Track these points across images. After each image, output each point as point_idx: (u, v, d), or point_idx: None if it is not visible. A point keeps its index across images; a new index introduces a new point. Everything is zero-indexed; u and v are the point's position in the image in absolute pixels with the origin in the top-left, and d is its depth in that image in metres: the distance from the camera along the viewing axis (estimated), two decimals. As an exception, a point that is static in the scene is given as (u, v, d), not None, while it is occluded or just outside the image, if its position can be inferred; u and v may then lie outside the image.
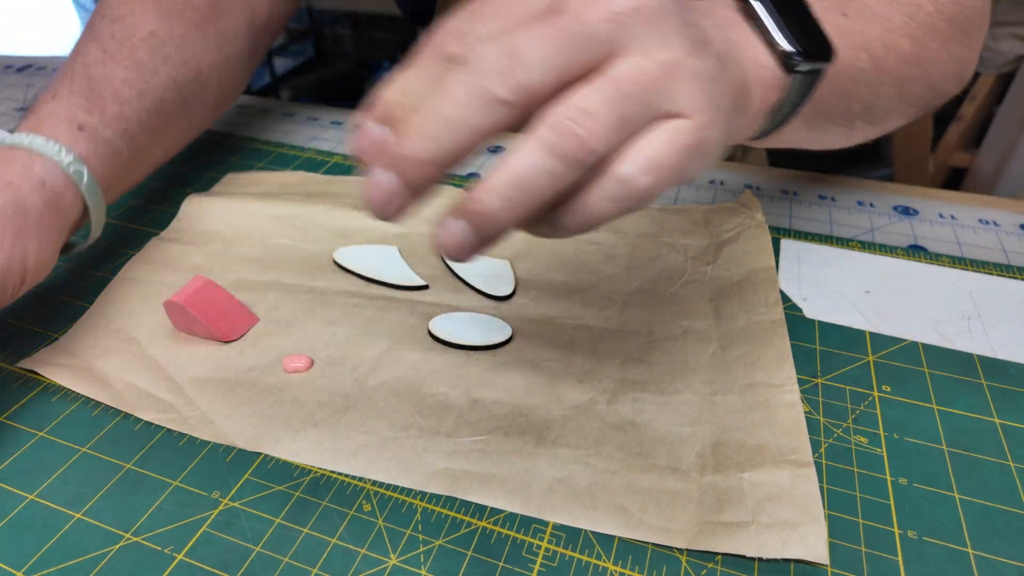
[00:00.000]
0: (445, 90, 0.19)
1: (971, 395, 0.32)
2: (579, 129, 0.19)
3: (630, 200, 0.20)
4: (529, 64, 0.19)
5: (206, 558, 0.25)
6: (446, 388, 0.32)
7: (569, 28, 0.19)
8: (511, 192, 0.20)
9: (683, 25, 0.21)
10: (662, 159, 0.20)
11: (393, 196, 0.22)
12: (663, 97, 0.20)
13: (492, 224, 0.21)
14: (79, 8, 2.24)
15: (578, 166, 0.19)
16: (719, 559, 0.25)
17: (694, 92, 0.20)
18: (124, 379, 0.32)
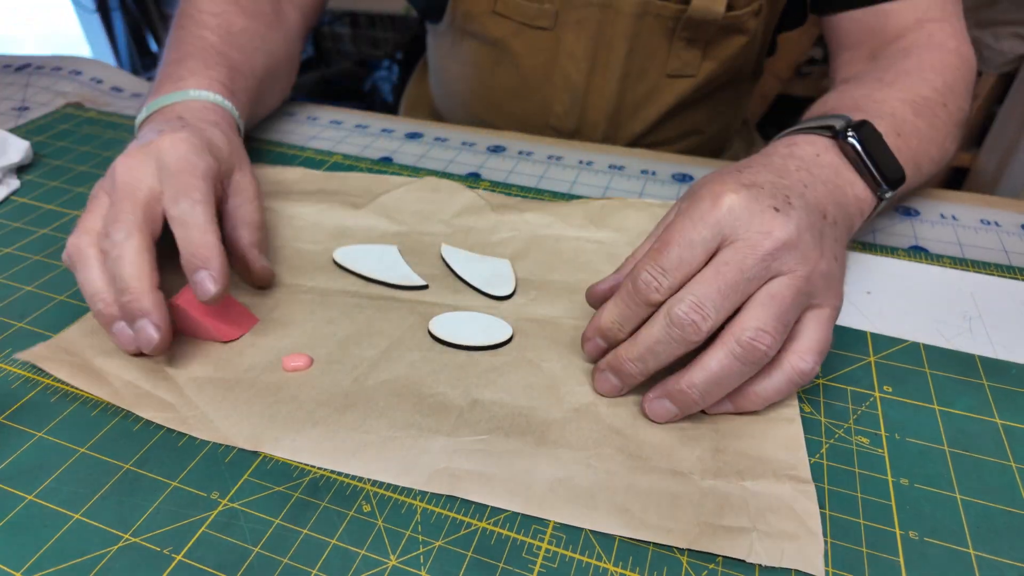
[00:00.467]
0: (653, 333, 0.28)
1: (972, 395, 0.32)
2: (760, 344, 0.27)
3: (804, 382, 0.29)
4: (713, 315, 0.27)
5: (205, 559, 0.25)
6: (446, 388, 0.32)
7: (734, 279, 0.27)
8: (708, 387, 0.28)
9: (812, 236, 0.29)
10: (822, 345, 0.29)
11: (615, 389, 0.31)
12: (808, 298, 0.29)
13: (690, 407, 0.29)
14: (79, 8, 2.23)
15: (757, 367, 0.28)
16: (719, 560, 0.25)
17: (826, 287, 0.29)
18: (123, 377, 0.32)
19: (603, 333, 0.31)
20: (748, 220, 0.28)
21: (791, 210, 0.29)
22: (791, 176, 0.32)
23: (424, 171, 0.50)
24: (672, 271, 0.28)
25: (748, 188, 0.29)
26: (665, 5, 0.52)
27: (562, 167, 0.51)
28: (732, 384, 0.28)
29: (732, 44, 0.56)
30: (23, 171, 0.49)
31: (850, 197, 0.34)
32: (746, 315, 0.28)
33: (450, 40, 0.62)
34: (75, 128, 0.55)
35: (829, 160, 0.34)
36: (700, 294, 0.27)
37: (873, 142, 0.35)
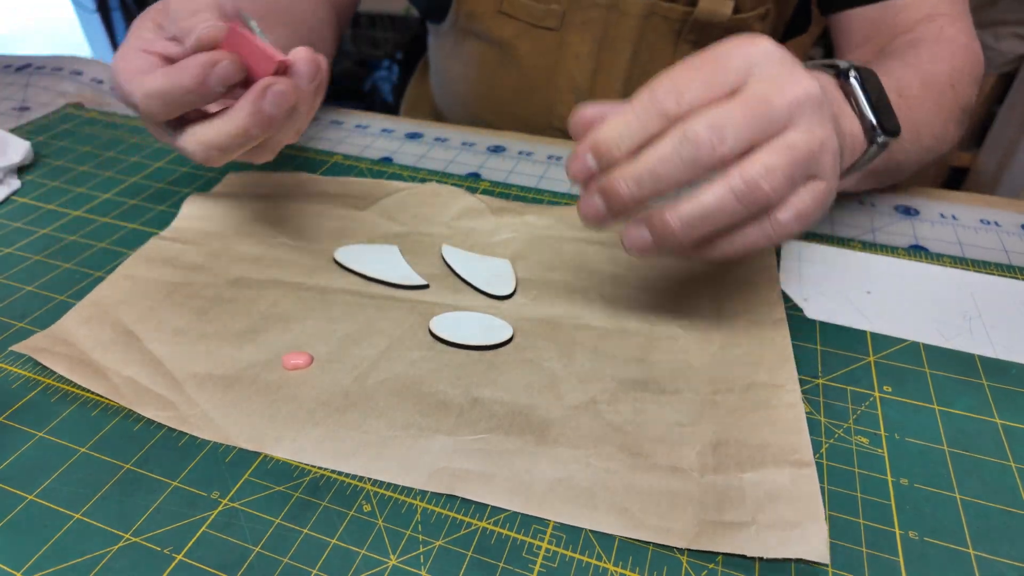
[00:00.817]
0: (659, 150, 0.26)
1: (972, 395, 0.32)
2: (765, 184, 0.25)
3: (780, 238, 0.28)
4: (731, 140, 0.25)
5: (206, 559, 0.25)
6: (446, 387, 0.32)
7: (760, 110, 0.26)
8: (695, 220, 0.26)
9: (829, 111, 0.28)
10: (808, 211, 0.27)
11: (601, 216, 0.28)
12: (815, 165, 0.27)
13: (671, 240, 0.27)
14: (79, 8, 2.24)
15: (754, 209, 0.26)
16: (720, 559, 0.25)
17: (831, 163, 0.28)
18: (122, 373, 0.32)
19: (597, 147, 0.27)
20: (780, 64, 0.27)
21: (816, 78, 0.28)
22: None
23: (424, 171, 0.50)
24: (697, 87, 0.26)
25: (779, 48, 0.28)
26: (671, 7, 0.52)
27: (562, 167, 0.51)
28: (720, 223, 0.26)
29: None
30: (24, 171, 0.50)
31: (845, 128, 0.33)
32: (758, 154, 0.26)
33: (452, 40, 0.62)
34: (76, 128, 0.55)
35: (831, 92, 0.34)
36: (723, 116, 0.25)
37: (873, 87, 0.34)
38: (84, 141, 0.54)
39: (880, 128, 0.34)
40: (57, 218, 0.44)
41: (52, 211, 0.45)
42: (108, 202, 0.46)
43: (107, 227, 0.43)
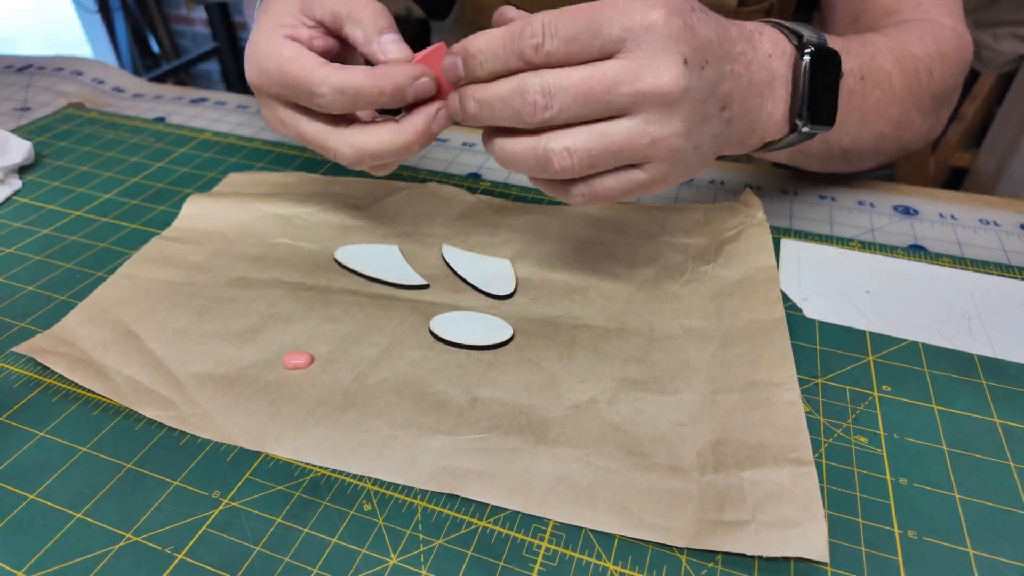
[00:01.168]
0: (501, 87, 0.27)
1: (971, 395, 0.32)
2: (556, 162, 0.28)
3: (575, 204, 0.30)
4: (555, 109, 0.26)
5: (206, 558, 0.25)
6: (446, 387, 0.32)
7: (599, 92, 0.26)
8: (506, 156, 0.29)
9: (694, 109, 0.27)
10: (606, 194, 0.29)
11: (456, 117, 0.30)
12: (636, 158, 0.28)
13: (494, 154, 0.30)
14: (80, 8, 2.24)
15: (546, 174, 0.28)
16: (719, 558, 0.25)
17: (667, 160, 0.28)
18: (123, 372, 0.32)
19: (465, 56, 0.29)
20: (653, 49, 0.26)
21: (699, 73, 0.27)
22: (731, 52, 0.30)
23: (424, 171, 0.50)
24: (561, 41, 0.26)
25: (682, 26, 0.27)
26: None
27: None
28: (522, 170, 0.29)
29: None
30: (25, 171, 0.50)
31: (764, 113, 0.32)
32: (573, 130, 0.27)
33: (456, 38, 0.62)
34: (76, 128, 0.56)
35: (775, 67, 0.32)
36: (558, 82, 0.26)
37: (825, 73, 0.33)
38: (85, 141, 0.54)
39: (809, 117, 0.33)
40: (58, 218, 0.44)
41: (53, 211, 0.45)
42: (109, 202, 0.46)
43: (108, 227, 0.44)
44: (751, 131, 0.32)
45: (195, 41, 2.38)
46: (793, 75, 0.33)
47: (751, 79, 0.31)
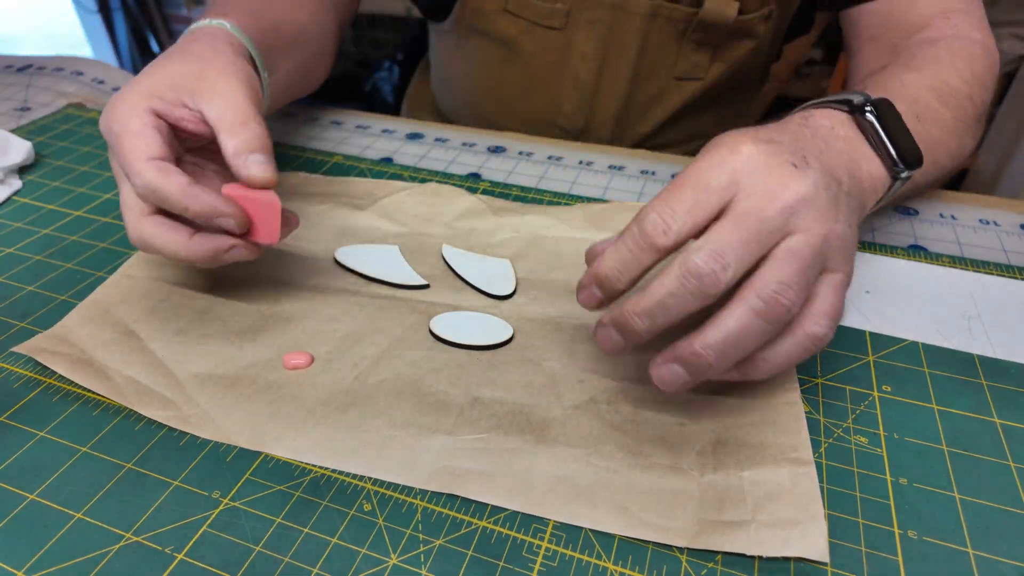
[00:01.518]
0: (665, 284, 0.26)
1: (971, 395, 0.32)
2: (783, 299, 0.25)
3: (817, 348, 0.27)
4: (733, 265, 0.25)
5: (206, 558, 0.25)
6: (447, 387, 0.32)
7: (754, 227, 0.26)
8: (725, 348, 0.26)
9: (829, 197, 0.27)
10: (835, 310, 0.27)
11: (620, 347, 0.28)
12: (824, 260, 0.27)
13: (706, 371, 0.26)
14: (80, 8, 2.24)
15: (779, 326, 0.26)
16: (719, 558, 0.25)
17: (840, 252, 0.28)
18: (124, 372, 0.32)
19: (600, 281, 0.28)
20: (766, 172, 0.27)
21: (808, 168, 0.28)
22: (807, 140, 0.30)
23: (424, 171, 0.50)
24: (683, 214, 0.26)
25: (767, 142, 0.28)
26: (675, 8, 0.52)
27: (562, 167, 0.51)
28: (751, 346, 0.26)
29: (741, 48, 0.56)
30: (25, 171, 0.50)
31: (864, 173, 0.32)
32: (766, 270, 0.26)
33: (456, 38, 0.62)
34: (77, 128, 0.56)
35: (844, 133, 0.33)
36: (719, 242, 0.25)
37: (891, 119, 0.33)
38: (85, 141, 0.54)
39: (902, 162, 0.33)
40: (58, 218, 0.44)
41: (53, 211, 0.45)
42: (109, 202, 0.46)
43: (108, 227, 0.44)
44: (864, 193, 0.33)
45: (195, 41, 2.38)
46: (864, 134, 0.33)
47: (837, 149, 0.31)
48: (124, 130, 0.32)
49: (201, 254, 0.32)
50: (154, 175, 0.31)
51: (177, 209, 0.31)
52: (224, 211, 0.31)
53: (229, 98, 0.33)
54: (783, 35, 0.61)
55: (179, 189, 0.31)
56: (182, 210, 0.31)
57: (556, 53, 0.57)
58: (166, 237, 0.32)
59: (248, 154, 0.32)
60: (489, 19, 0.57)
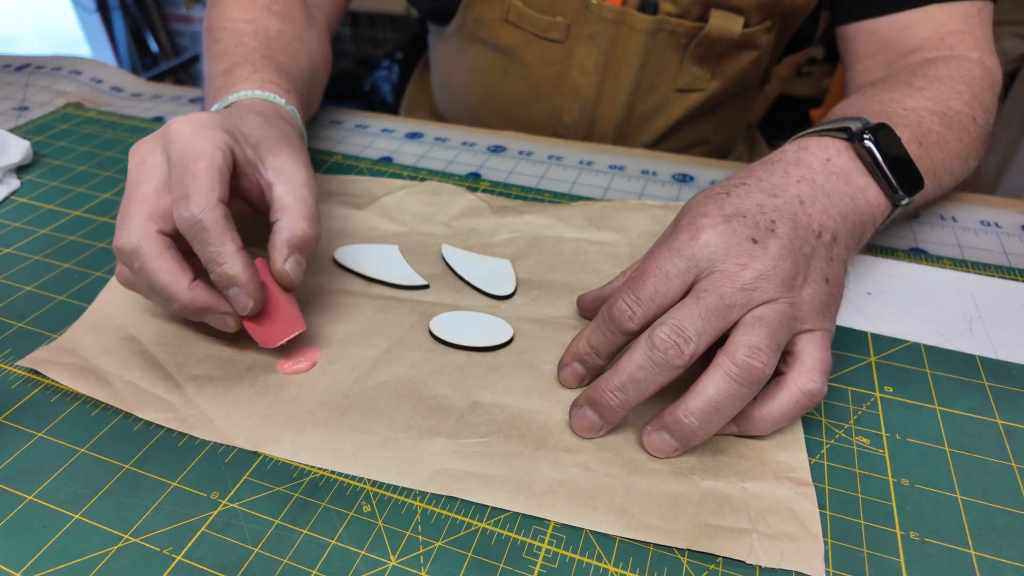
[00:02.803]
0: (633, 359, 0.27)
1: (973, 396, 0.32)
2: (755, 362, 0.26)
3: (812, 404, 0.28)
4: (695, 338, 0.27)
5: (205, 559, 0.25)
6: (447, 390, 0.32)
7: (716, 304, 0.27)
8: (707, 414, 0.27)
9: (795, 263, 0.29)
10: (824, 365, 0.28)
11: (596, 426, 0.29)
12: (796, 323, 0.28)
13: (692, 438, 0.27)
14: (79, 8, 2.23)
15: (756, 388, 0.27)
16: (720, 561, 0.25)
17: (814, 311, 0.29)
18: (124, 377, 0.32)
19: (580, 358, 0.31)
20: (725, 253, 0.28)
21: (772, 238, 0.29)
22: (787, 193, 0.31)
23: (424, 171, 0.50)
24: (646, 300, 0.29)
25: (728, 221, 0.29)
26: (679, 23, 0.52)
27: (563, 167, 0.51)
28: (732, 409, 0.27)
29: (743, 59, 0.55)
30: (23, 171, 0.49)
31: (861, 204, 0.33)
32: (736, 337, 0.27)
33: (457, 45, 0.62)
34: (75, 128, 0.55)
35: (840, 165, 0.33)
36: (681, 318, 0.27)
37: (891, 146, 0.34)
38: (83, 141, 0.53)
39: (902, 189, 0.33)
40: (57, 218, 0.44)
41: (52, 211, 0.45)
42: (108, 202, 0.46)
43: (107, 227, 0.43)
44: (862, 227, 0.33)
45: (194, 40, 2.38)
46: (863, 162, 0.34)
47: (826, 190, 0.32)
48: (205, 153, 0.30)
49: (191, 304, 0.30)
50: (218, 218, 0.29)
51: (210, 260, 0.29)
52: (252, 291, 0.30)
53: (301, 188, 0.33)
54: (784, 45, 0.61)
55: (231, 247, 0.29)
56: (215, 263, 0.29)
57: (557, 65, 0.57)
58: (168, 267, 0.29)
59: (297, 251, 0.32)
60: (490, 28, 0.57)
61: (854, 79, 0.51)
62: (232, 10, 0.46)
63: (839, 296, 0.31)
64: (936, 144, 0.38)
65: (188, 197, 0.29)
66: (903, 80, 0.42)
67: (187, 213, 0.29)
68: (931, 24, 0.46)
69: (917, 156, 0.35)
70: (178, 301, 0.30)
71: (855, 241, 0.33)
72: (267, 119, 0.35)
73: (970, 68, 0.43)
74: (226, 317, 0.31)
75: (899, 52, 0.47)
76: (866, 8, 0.48)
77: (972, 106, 0.41)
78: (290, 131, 0.36)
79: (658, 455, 0.29)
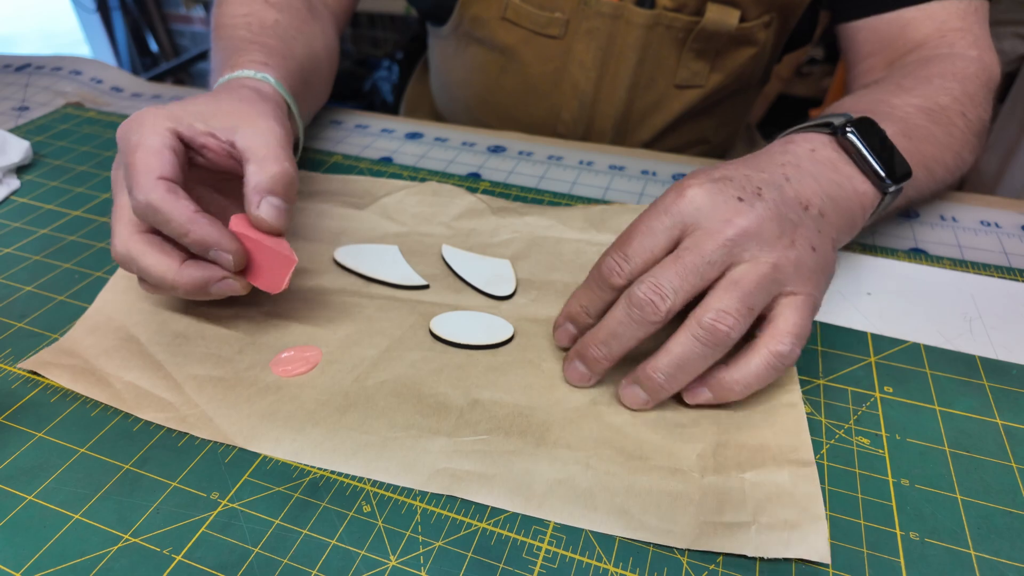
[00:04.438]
0: (615, 314, 0.29)
1: (973, 396, 0.32)
2: (721, 325, 0.27)
3: (783, 365, 0.29)
4: (671, 295, 0.28)
5: (205, 559, 0.25)
6: (447, 388, 0.32)
7: (691, 261, 0.28)
8: (672, 371, 0.28)
9: (780, 226, 0.29)
10: (797, 328, 0.29)
11: (586, 376, 0.31)
12: (777, 285, 0.29)
13: (661, 391, 0.29)
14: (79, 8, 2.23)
15: (721, 349, 0.28)
16: (720, 560, 0.25)
17: (798, 275, 0.29)
18: (123, 378, 0.32)
19: (571, 318, 0.32)
20: (710, 210, 0.29)
21: (758, 200, 0.29)
22: (773, 171, 0.32)
23: (424, 171, 0.50)
24: (633, 256, 0.29)
25: (715, 181, 0.30)
26: (676, 16, 0.52)
27: (562, 167, 0.51)
28: (696, 368, 0.28)
29: (741, 55, 0.55)
30: (23, 171, 0.49)
31: (849, 191, 0.33)
32: (709, 298, 0.28)
33: (455, 44, 0.62)
34: (75, 128, 0.55)
35: (825, 156, 0.34)
36: (659, 275, 0.28)
37: (873, 137, 0.34)
38: (83, 141, 0.53)
39: (889, 177, 0.34)
40: (57, 218, 0.44)
41: (51, 211, 0.45)
42: (107, 202, 0.46)
43: (107, 227, 0.43)
44: (851, 213, 0.33)
45: (194, 40, 2.38)
46: (847, 153, 0.34)
47: (813, 173, 0.32)
48: (141, 143, 0.31)
49: (190, 282, 0.30)
50: (162, 195, 0.29)
51: (177, 234, 0.30)
52: (225, 245, 0.30)
53: (264, 133, 0.33)
54: (784, 43, 0.61)
55: (184, 213, 0.30)
56: (181, 235, 0.30)
57: (555, 62, 0.57)
58: (155, 259, 0.30)
59: (268, 194, 0.31)
60: (488, 27, 0.57)
61: (856, 78, 0.51)
62: (233, 7, 0.47)
63: (828, 270, 0.31)
64: (924, 138, 0.38)
65: (132, 188, 0.30)
66: (894, 82, 0.42)
67: (135, 203, 0.30)
68: (932, 22, 0.46)
69: (905, 149, 0.36)
70: (176, 284, 0.30)
71: (845, 225, 0.33)
72: (227, 92, 0.36)
73: (965, 66, 0.44)
74: (228, 282, 0.31)
75: (900, 50, 0.47)
76: (867, 6, 0.48)
77: (962, 102, 0.41)
78: (253, 96, 0.36)
79: (632, 406, 0.30)
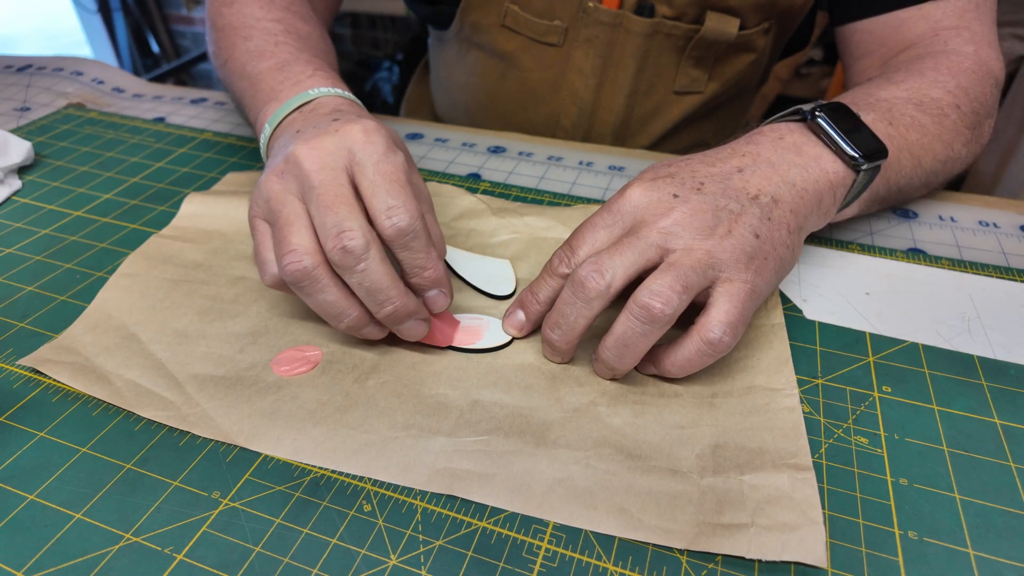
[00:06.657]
0: (562, 296, 0.31)
1: (971, 396, 0.32)
2: (655, 303, 0.29)
3: (715, 352, 0.30)
4: (609, 273, 0.30)
5: (206, 558, 0.25)
6: (447, 388, 0.32)
7: (632, 243, 0.30)
8: (617, 349, 0.30)
9: (713, 217, 0.31)
10: (731, 316, 0.29)
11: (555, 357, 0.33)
12: (713, 271, 0.30)
13: (611, 368, 0.31)
14: (80, 9, 2.24)
15: (658, 327, 0.29)
16: (719, 559, 0.25)
17: (735, 263, 0.30)
18: (124, 376, 0.32)
19: (521, 303, 0.34)
20: (645, 207, 0.31)
21: (695, 194, 0.31)
22: (727, 164, 0.33)
23: (424, 171, 0.50)
24: (578, 248, 0.32)
25: (655, 180, 0.32)
26: (676, 25, 0.52)
27: (562, 168, 0.51)
28: (638, 346, 0.30)
29: (740, 61, 0.56)
30: (24, 171, 0.50)
31: (815, 172, 0.34)
32: (645, 281, 0.29)
33: (456, 49, 0.62)
34: (76, 129, 0.56)
35: (792, 140, 0.34)
36: (599, 256, 0.30)
37: (844, 119, 0.35)
38: (85, 141, 0.54)
39: (861, 155, 0.34)
40: (58, 218, 0.44)
41: (53, 211, 0.45)
42: (109, 202, 0.46)
43: (108, 227, 0.43)
44: (818, 194, 0.34)
45: (195, 41, 2.39)
46: (816, 135, 0.35)
47: (771, 160, 0.33)
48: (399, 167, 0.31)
49: (406, 306, 0.31)
50: (423, 227, 0.31)
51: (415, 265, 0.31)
52: (449, 289, 0.33)
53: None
54: (782, 47, 0.61)
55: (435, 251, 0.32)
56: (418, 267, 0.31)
57: (554, 69, 0.57)
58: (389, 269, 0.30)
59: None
60: (488, 33, 0.57)
61: (852, 78, 0.51)
62: (253, 9, 0.45)
63: (775, 255, 0.32)
64: (910, 125, 0.38)
65: (399, 207, 0.30)
66: (884, 77, 0.43)
67: (402, 223, 0.30)
68: (925, 21, 0.46)
69: (887, 135, 0.36)
70: (394, 302, 0.30)
71: (811, 207, 0.34)
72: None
73: (960, 61, 0.44)
74: (421, 323, 0.32)
75: (894, 49, 0.48)
76: (862, 8, 0.49)
77: (956, 95, 0.41)
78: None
79: (601, 377, 0.32)
